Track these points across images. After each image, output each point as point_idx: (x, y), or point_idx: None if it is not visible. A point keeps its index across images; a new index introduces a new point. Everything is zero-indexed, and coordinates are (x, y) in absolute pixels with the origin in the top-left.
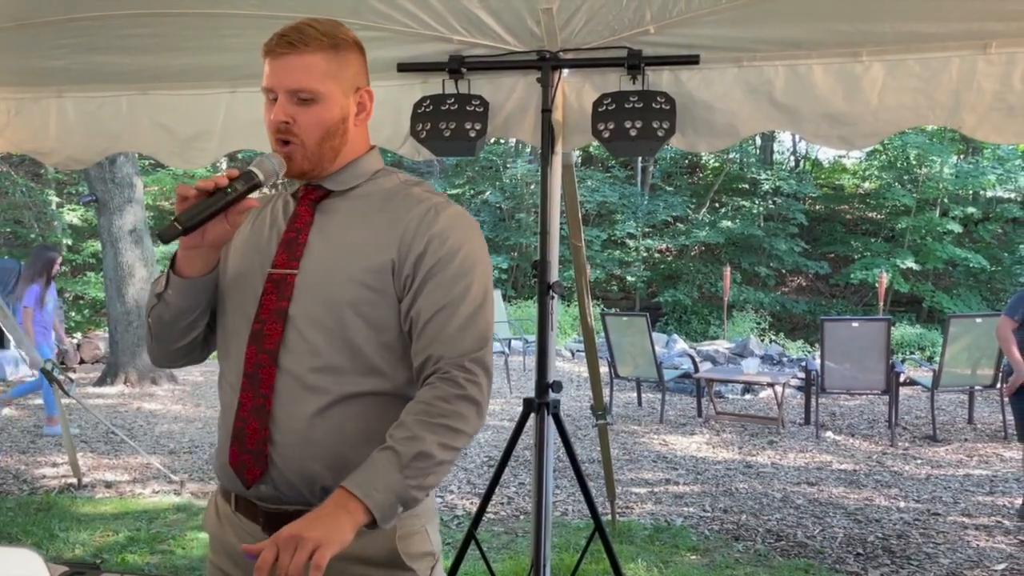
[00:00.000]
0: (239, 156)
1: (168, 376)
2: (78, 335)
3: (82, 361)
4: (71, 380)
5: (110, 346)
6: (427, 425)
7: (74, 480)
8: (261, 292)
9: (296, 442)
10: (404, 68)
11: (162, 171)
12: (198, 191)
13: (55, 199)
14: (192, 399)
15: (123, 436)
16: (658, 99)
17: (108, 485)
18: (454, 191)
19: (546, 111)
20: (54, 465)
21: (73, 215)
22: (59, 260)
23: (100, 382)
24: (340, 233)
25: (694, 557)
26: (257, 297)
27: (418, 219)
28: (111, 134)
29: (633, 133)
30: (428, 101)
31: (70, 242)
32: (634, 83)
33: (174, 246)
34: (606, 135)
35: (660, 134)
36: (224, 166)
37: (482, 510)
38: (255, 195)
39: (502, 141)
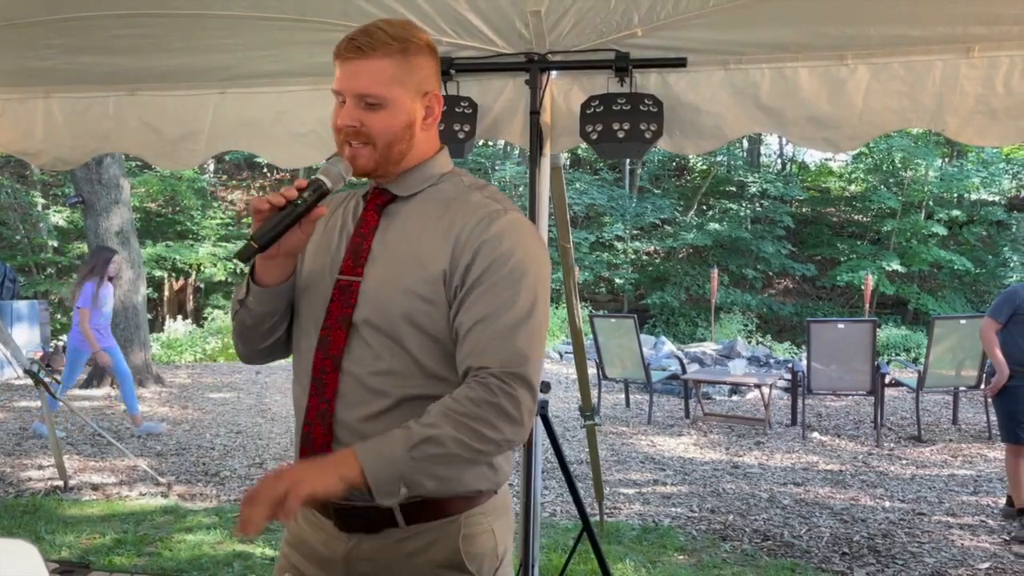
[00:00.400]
0: (227, 158)
1: (155, 378)
2: (64, 337)
3: None
4: (57, 382)
5: None
6: (448, 417)
7: (60, 482)
8: (329, 298)
9: (358, 442)
10: None
11: (149, 172)
12: (271, 205)
13: (40, 200)
14: (179, 401)
15: (110, 438)
16: (646, 101)
17: (94, 487)
18: None
19: (534, 113)
20: (40, 467)
21: (59, 217)
22: (114, 259)
23: (86, 384)
24: (400, 241)
25: (682, 557)
26: (325, 302)
27: (471, 228)
28: (99, 135)
29: (621, 135)
30: None
31: (55, 244)
32: (622, 85)
33: (161, 249)
34: (594, 137)
35: (647, 136)
36: (212, 168)
37: None
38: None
39: (491, 143)
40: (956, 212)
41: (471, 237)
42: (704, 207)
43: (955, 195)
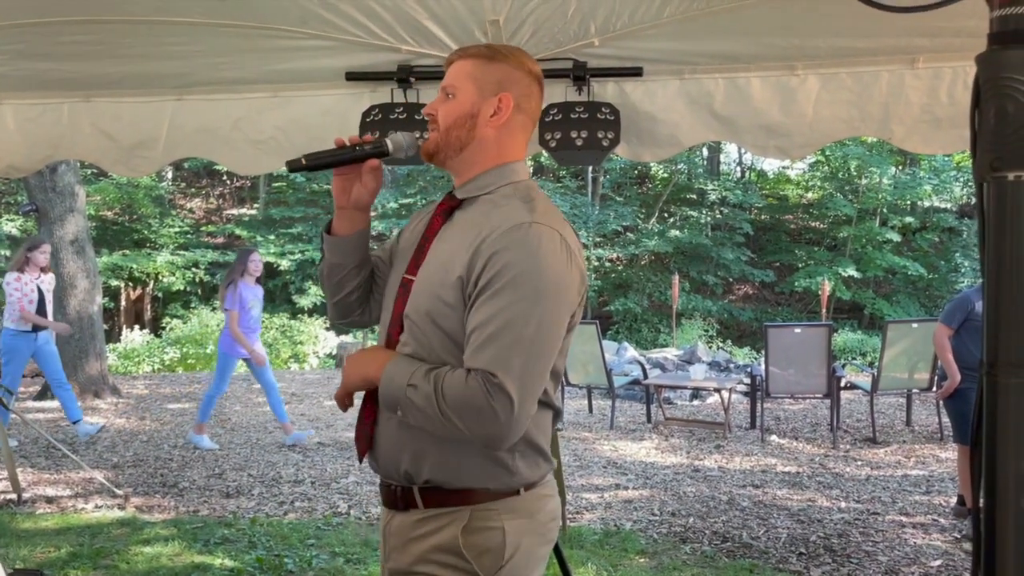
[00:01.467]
0: (186, 165)
1: (111, 389)
2: None
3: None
4: (11, 393)
5: None
6: (443, 382)
7: (13, 495)
8: (396, 295)
9: (390, 426)
10: (352, 77)
11: (105, 180)
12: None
13: None
14: (136, 412)
15: (65, 451)
16: (603, 110)
17: (49, 500)
18: (406, 200)
19: None
20: None
21: (12, 225)
22: (251, 257)
23: (40, 396)
24: (444, 245)
25: (643, 560)
26: (394, 299)
27: (493, 237)
28: (52, 141)
29: (579, 143)
30: (377, 110)
31: (8, 253)
32: (580, 94)
33: (118, 258)
34: (553, 144)
35: (605, 144)
36: (170, 175)
37: None
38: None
39: None
40: (909, 219)
41: (485, 246)
42: (665, 214)
43: (908, 202)
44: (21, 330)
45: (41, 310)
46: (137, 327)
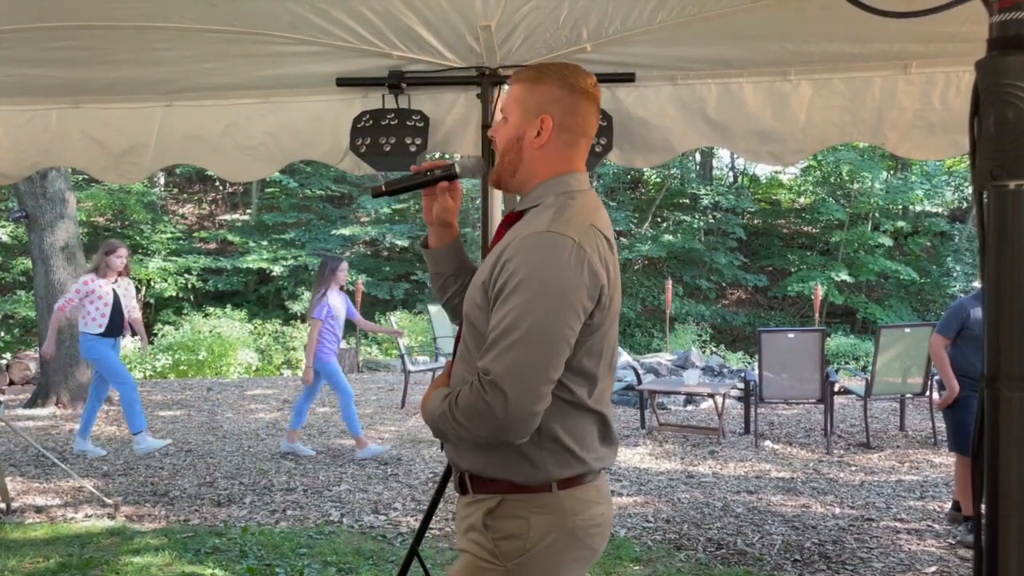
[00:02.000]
0: (178, 171)
1: None
2: (7, 355)
3: (11, 383)
4: None
5: (41, 367)
6: (451, 399)
7: (2, 505)
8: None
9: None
10: (343, 82)
11: (96, 186)
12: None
13: None
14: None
15: (54, 459)
16: None
17: (38, 510)
18: (399, 206)
19: (486, 127)
20: None
21: (2, 232)
22: (340, 267)
23: (30, 404)
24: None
25: (637, 568)
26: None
27: (512, 246)
28: (40, 148)
29: None
30: (368, 116)
31: None
32: None
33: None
34: None
35: (598, 150)
36: (162, 181)
37: (425, 526)
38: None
39: (445, 156)
40: (901, 223)
41: (506, 254)
42: (658, 219)
43: (900, 207)
44: (94, 333)
45: (116, 314)
46: (129, 333)
